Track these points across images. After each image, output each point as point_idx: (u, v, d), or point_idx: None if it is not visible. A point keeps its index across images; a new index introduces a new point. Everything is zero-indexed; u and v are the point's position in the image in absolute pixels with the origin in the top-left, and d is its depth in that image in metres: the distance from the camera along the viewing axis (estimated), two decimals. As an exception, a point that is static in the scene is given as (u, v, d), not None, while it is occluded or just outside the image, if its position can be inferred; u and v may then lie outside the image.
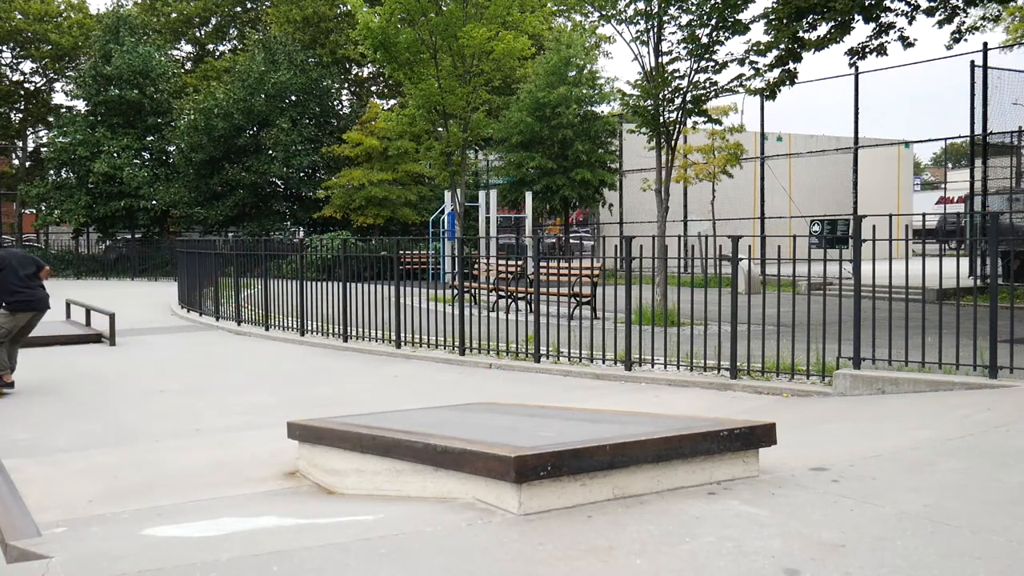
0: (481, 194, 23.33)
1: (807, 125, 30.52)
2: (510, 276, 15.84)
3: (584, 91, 26.05)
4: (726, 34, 13.31)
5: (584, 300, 12.80)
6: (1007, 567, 3.04)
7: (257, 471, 5.50)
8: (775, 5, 13.44)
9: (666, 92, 13.68)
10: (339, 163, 32.62)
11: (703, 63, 13.51)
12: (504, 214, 29.63)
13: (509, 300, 14.09)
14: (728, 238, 8.63)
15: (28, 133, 43.34)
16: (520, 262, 16.49)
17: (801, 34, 13.58)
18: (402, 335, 11.04)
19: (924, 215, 9.15)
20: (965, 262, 19.15)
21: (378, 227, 30.88)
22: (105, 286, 27.88)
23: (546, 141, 25.78)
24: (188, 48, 44.28)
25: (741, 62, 13.56)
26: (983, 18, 16.69)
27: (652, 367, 8.84)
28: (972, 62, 17.81)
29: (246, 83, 32.48)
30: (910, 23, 14.08)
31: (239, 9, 42.67)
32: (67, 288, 23.75)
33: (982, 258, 16.27)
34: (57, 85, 41.92)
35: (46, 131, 42.10)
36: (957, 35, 14.78)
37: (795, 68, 13.82)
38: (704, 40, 13.30)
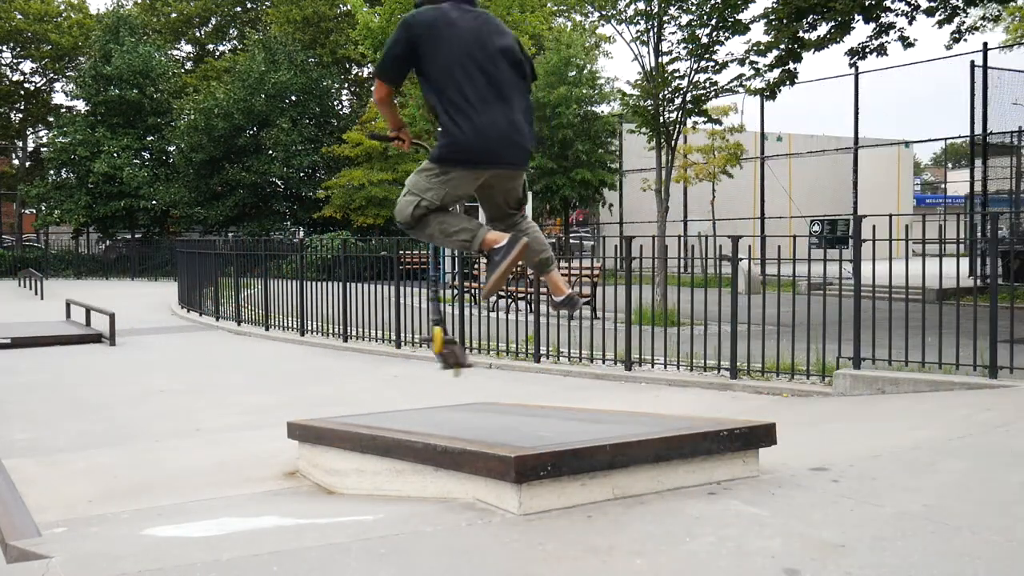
0: (481, 194, 23.31)
1: (807, 125, 30.55)
2: (510, 276, 15.82)
3: (584, 91, 26.05)
4: (726, 34, 13.31)
5: (584, 300, 12.80)
6: (1007, 567, 3.04)
7: (257, 471, 5.50)
8: (775, 5, 13.44)
9: (666, 92, 13.68)
10: (339, 163, 32.62)
11: (703, 63, 13.52)
12: (504, 214, 29.59)
13: (509, 300, 14.09)
14: (728, 238, 8.63)
15: (28, 133, 43.36)
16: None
17: (801, 34, 13.57)
18: (402, 335, 11.03)
19: (924, 215, 9.16)
20: (965, 262, 19.15)
21: (378, 227, 30.88)
22: (105, 286, 27.88)
23: (546, 141, 25.78)
24: (188, 48, 44.30)
25: (741, 62, 13.56)
26: (983, 18, 16.69)
27: (652, 367, 8.84)
28: (972, 62, 17.81)
29: (246, 83, 32.48)
30: (910, 23, 14.08)
31: (239, 9, 42.69)
32: (67, 288, 23.77)
33: (982, 258, 16.27)
34: (57, 85, 41.98)
35: (46, 131, 42.10)
36: (957, 35, 14.78)
37: (795, 68, 13.82)
38: (704, 40, 13.31)
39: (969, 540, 3.31)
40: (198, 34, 43.36)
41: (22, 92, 41.12)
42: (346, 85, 39.99)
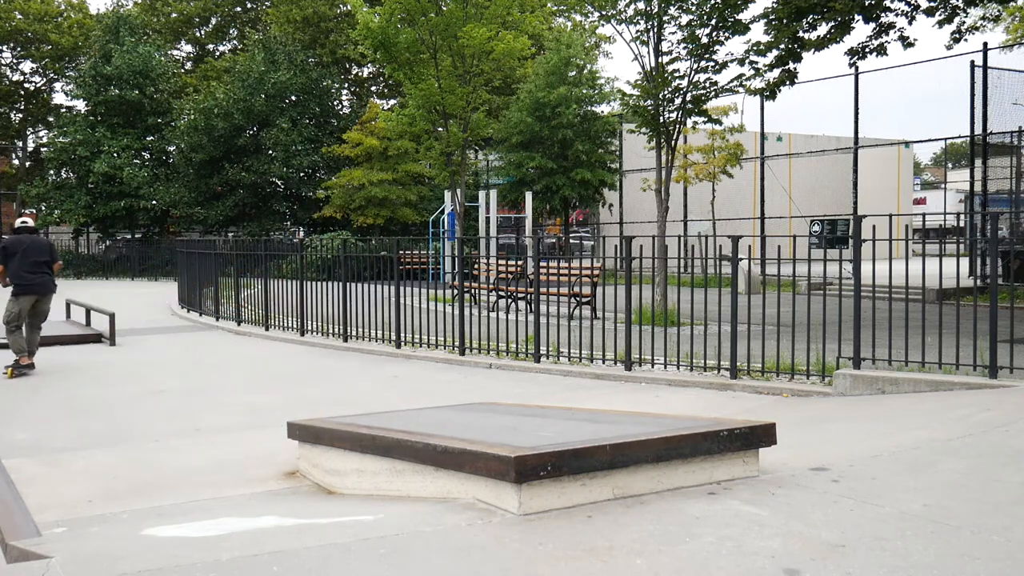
0: (481, 194, 23.34)
1: (807, 125, 30.38)
2: (510, 276, 15.84)
3: (584, 91, 26.05)
4: (726, 34, 13.30)
5: (584, 300, 12.80)
6: (1007, 567, 3.04)
7: (257, 471, 5.50)
8: (775, 5, 13.43)
9: (666, 92, 13.67)
10: (339, 163, 32.62)
11: (703, 63, 13.51)
12: (504, 214, 29.62)
13: (509, 300, 14.09)
14: (728, 238, 8.63)
15: (28, 133, 43.34)
16: (520, 262, 16.49)
17: (801, 34, 13.56)
18: (402, 335, 11.04)
19: (924, 215, 9.16)
20: (965, 262, 19.16)
21: (378, 227, 30.88)
22: (105, 286, 27.88)
23: (546, 141, 25.77)
24: (188, 48, 44.29)
25: (741, 62, 13.55)
26: (983, 18, 16.68)
27: (652, 367, 8.84)
28: (972, 62, 17.81)
29: (246, 83, 32.47)
30: (910, 23, 14.07)
31: (239, 9, 42.67)
32: (67, 288, 23.73)
33: (982, 258, 16.27)
34: (57, 85, 41.94)
35: (46, 131, 42.10)
36: (957, 35, 14.77)
37: (795, 68, 13.81)
38: (704, 40, 13.30)
39: (969, 540, 3.31)
40: (198, 34, 43.34)
41: (22, 92, 41.11)
42: (346, 85, 39.98)
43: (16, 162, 43.32)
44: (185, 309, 17.11)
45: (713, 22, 13.15)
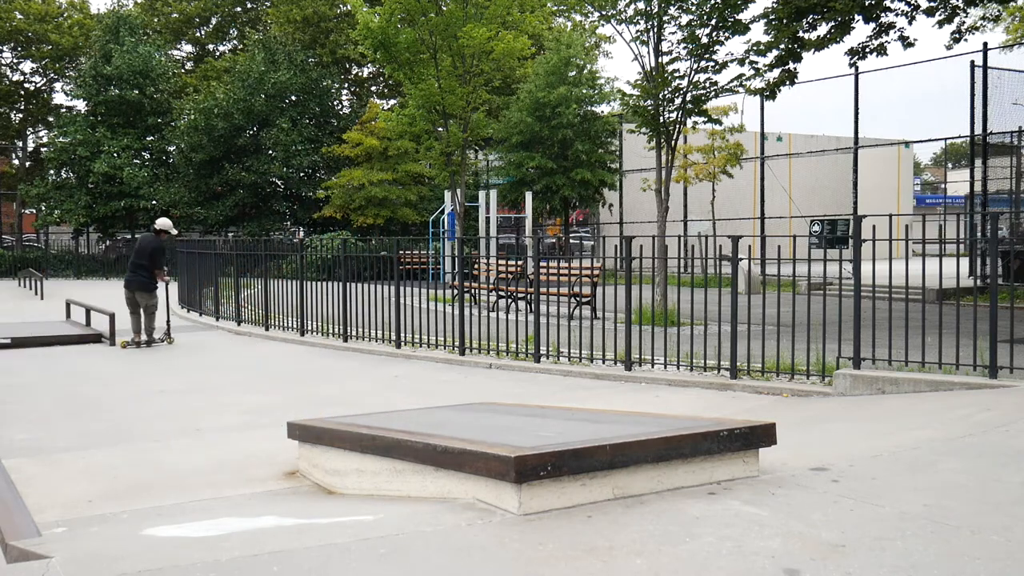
0: (481, 194, 23.34)
1: (807, 125, 30.44)
2: (510, 276, 15.84)
3: (584, 91, 26.04)
4: (726, 34, 13.30)
5: (584, 300, 12.79)
6: (1007, 567, 3.04)
7: (257, 471, 5.50)
8: (775, 5, 13.43)
9: (666, 92, 13.67)
10: (339, 163, 32.63)
11: (703, 63, 13.51)
12: (504, 214, 29.62)
13: (509, 300, 14.09)
14: (728, 238, 8.63)
15: (28, 133, 43.32)
16: (520, 262, 16.49)
17: (801, 34, 13.56)
18: (402, 335, 11.03)
19: (924, 215, 9.16)
20: (965, 262, 19.15)
21: (378, 227, 30.88)
22: (105, 286, 27.86)
23: (546, 141, 25.77)
24: (188, 48, 44.29)
25: (741, 62, 13.55)
26: (983, 18, 16.68)
27: (652, 367, 8.84)
28: (972, 62, 17.81)
29: (246, 83, 32.48)
30: (910, 23, 14.07)
31: (239, 9, 42.67)
32: (67, 288, 23.76)
33: (982, 258, 16.27)
34: (57, 85, 41.93)
35: (46, 131, 42.09)
36: (957, 35, 14.77)
37: (795, 68, 13.81)
38: (704, 40, 13.30)
39: (969, 540, 3.31)
40: (198, 34, 43.33)
41: (22, 92, 41.09)
42: (346, 85, 39.98)
43: (16, 162, 43.30)
44: (185, 309, 17.11)
45: (713, 22, 13.15)
